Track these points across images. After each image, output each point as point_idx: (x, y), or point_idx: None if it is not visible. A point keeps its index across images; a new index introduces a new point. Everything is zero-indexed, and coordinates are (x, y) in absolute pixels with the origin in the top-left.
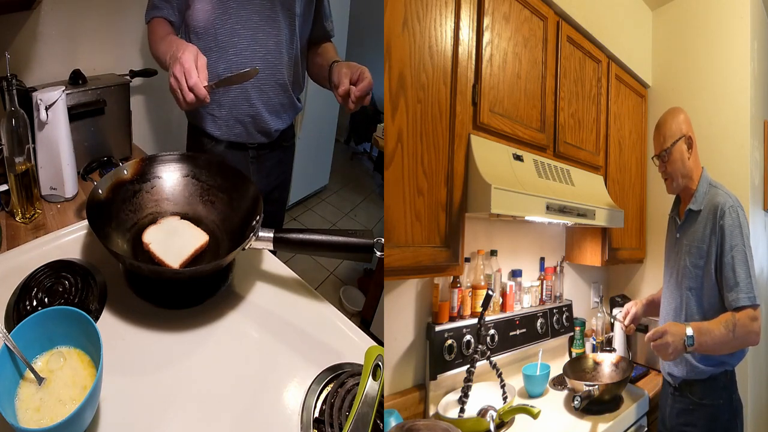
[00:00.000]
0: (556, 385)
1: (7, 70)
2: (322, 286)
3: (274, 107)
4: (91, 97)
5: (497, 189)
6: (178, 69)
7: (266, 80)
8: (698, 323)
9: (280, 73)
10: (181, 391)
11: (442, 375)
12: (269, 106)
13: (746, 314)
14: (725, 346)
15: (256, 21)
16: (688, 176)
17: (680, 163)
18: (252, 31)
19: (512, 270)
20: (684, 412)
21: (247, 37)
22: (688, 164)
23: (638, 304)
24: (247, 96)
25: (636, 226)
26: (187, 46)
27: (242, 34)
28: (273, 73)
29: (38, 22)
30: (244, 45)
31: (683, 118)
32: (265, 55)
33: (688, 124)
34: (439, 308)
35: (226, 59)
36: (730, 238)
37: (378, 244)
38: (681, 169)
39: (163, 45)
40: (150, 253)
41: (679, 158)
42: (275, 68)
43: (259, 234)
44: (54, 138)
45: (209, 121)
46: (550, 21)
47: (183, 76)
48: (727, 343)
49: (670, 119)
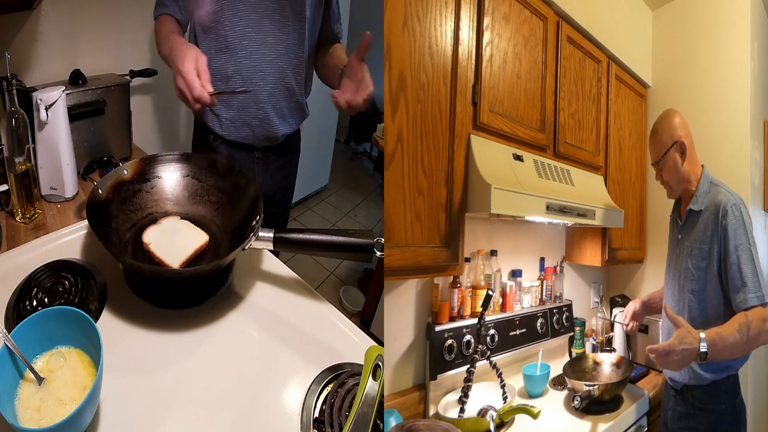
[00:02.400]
0: (556, 385)
1: (7, 70)
2: (322, 286)
3: (282, 111)
4: (91, 97)
5: (497, 189)
6: (181, 82)
7: (275, 84)
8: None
9: (289, 78)
10: (181, 391)
11: (442, 375)
12: (277, 110)
13: (757, 315)
14: (740, 349)
15: (266, 25)
16: (684, 180)
17: (675, 171)
18: (262, 35)
19: (512, 270)
20: (685, 416)
21: (257, 41)
22: (682, 170)
23: (638, 303)
24: (256, 99)
25: (636, 226)
26: (186, 52)
27: (252, 37)
28: (282, 78)
29: (38, 22)
30: (253, 48)
31: (676, 122)
32: (275, 59)
33: (681, 128)
34: (439, 308)
35: (236, 61)
36: (734, 238)
37: (378, 244)
38: (676, 175)
39: (166, 46)
40: (150, 253)
41: (672, 166)
42: (284, 72)
43: (259, 234)
44: (54, 138)
45: (216, 121)
46: (550, 21)
47: (187, 88)
48: (742, 346)
49: (661, 127)
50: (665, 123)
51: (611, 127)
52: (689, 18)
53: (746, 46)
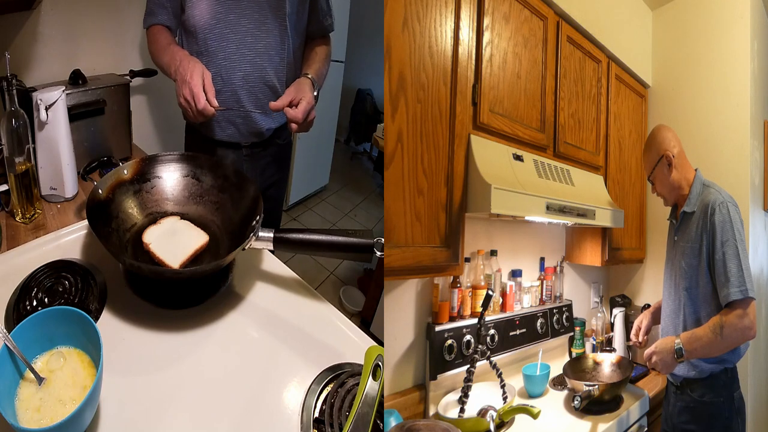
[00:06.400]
0: (556, 385)
1: (7, 70)
2: (322, 286)
3: (264, 108)
4: (91, 97)
5: (497, 189)
6: (188, 93)
7: (255, 82)
8: (688, 332)
9: (269, 75)
10: (181, 391)
11: (442, 375)
12: (259, 107)
13: (734, 314)
14: (716, 348)
15: (245, 25)
16: (675, 188)
17: (665, 182)
18: (240, 36)
19: (512, 270)
20: (685, 410)
21: (236, 42)
22: (671, 180)
23: (647, 316)
24: (237, 98)
25: (636, 226)
26: (194, 66)
27: (231, 38)
28: (262, 76)
29: (38, 22)
30: (232, 49)
31: (662, 137)
32: (254, 59)
33: (666, 141)
34: (439, 308)
35: (216, 64)
36: (721, 234)
37: (378, 244)
38: (667, 186)
39: (166, 56)
40: (150, 253)
41: (662, 178)
42: (263, 71)
43: (259, 234)
44: (54, 138)
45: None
46: (550, 21)
47: (192, 100)
48: (717, 345)
49: (649, 144)
50: (652, 140)
51: (611, 127)
52: (689, 18)
53: (746, 46)
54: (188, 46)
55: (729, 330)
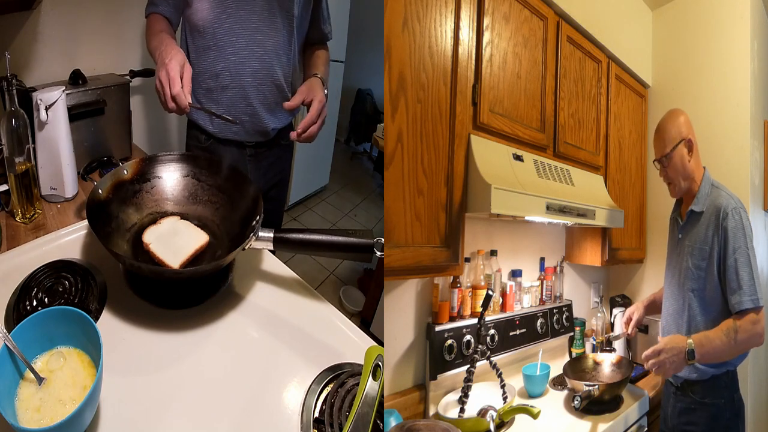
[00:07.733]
0: (556, 385)
1: (7, 70)
2: (322, 286)
3: (271, 106)
4: (91, 97)
5: (497, 189)
6: (164, 75)
7: (263, 80)
8: (699, 334)
9: (277, 74)
10: (181, 391)
11: (442, 375)
12: (266, 105)
13: (748, 319)
14: (727, 353)
15: (255, 21)
16: (690, 178)
17: (681, 167)
18: (250, 32)
19: (512, 270)
20: (685, 411)
21: (245, 37)
22: (689, 167)
23: (639, 309)
24: (244, 95)
25: (636, 226)
26: (176, 53)
27: (240, 34)
28: (270, 74)
29: (38, 22)
30: (242, 45)
31: (683, 120)
32: (262, 56)
33: (687, 127)
34: (439, 308)
35: (225, 58)
36: (733, 241)
37: (378, 244)
38: (682, 172)
39: (155, 41)
40: (150, 253)
41: (679, 162)
42: (272, 69)
43: (259, 234)
44: (54, 138)
45: (207, 119)
46: (550, 21)
47: (168, 83)
48: (729, 350)
49: (669, 123)
50: (673, 120)
51: (611, 127)
52: (689, 18)
53: (746, 46)
54: (195, 41)
55: (744, 335)
